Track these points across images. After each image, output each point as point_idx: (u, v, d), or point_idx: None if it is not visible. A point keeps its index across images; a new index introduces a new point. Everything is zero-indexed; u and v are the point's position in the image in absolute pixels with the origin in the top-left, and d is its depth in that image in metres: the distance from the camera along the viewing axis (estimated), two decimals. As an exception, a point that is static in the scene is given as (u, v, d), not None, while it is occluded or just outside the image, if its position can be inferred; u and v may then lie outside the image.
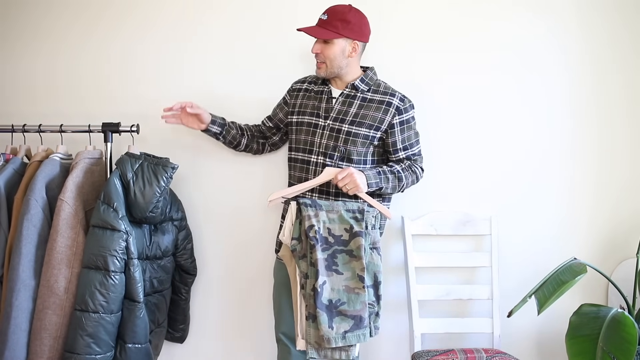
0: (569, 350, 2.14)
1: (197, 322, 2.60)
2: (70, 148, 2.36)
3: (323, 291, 2.00)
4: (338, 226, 2.07)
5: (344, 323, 1.99)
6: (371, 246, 2.10)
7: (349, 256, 2.05)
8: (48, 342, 2.05)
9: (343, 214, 2.08)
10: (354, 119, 2.21)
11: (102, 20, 2.61)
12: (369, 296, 2.06)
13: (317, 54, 2.19)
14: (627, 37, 2.58)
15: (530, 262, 2.56)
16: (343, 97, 2.24)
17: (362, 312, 2.01)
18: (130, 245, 2.10)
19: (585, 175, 2.59)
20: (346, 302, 2.01)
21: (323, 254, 2.03)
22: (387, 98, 2.23)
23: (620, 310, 2.17)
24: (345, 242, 2.06)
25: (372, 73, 2.29)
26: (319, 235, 2.04)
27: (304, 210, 2.07)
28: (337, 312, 2.00)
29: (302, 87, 2.34)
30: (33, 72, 2.63)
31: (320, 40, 2.18)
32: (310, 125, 2.24)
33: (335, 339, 1.97)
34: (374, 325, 2.07)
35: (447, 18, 2.58)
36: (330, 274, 2.03)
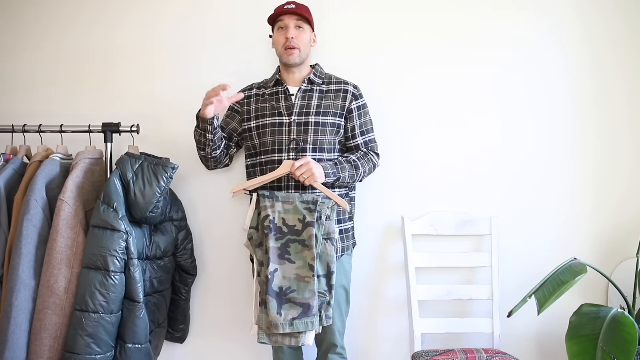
0: (569, 350, 2.14)
1: (197, 322, 2.60)
2: (70, 148, 2.36)
3: (274, 278, 2.05)
4: (292, 216, 2.13)
5: (293, 310, 2.03)
6: (325, 236, 2.13)
7: (301, 245, 2.10)
8: (48, 342, 2.05)
9: (297, 204, 2.14)
10: (318, 109, 2.26)
11: (102, 20, 2.62)
12: (321, 285, 2.09)
13: (292, 38, 2.24)
14: (628, 36, 2.58)
15: (530, 262, 2.56)
16: (301, 92, 2.29)
17: (310, 300, 2.04)
18: (130, 245, 2.10)
19: (586, 175, 2.59)
20: (296, 289, 2.06)
21: (276, 243, 2.09)
22: (342, 86, 2.33)
23: (620, 310, 2.17)
24: (298, 231, 2.11)
25: (320, 68, 2.38)
26: (272, 224, 2.11)
27: (261, 201, 2.15)
28: (286, 299, 2.04)
29: (252, 94, 2.35)
30: (33, 72, 2.63)
31: (294, 26, 2.24)
32: (274, 125, 2.26)
33: (282, 325, 2.02)
34: (325, 314, 2.09)
35: (448, 17, 2.59)
36: (282, 262, 2.08)
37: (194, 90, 2.58)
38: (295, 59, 2.26)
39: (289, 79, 2.32)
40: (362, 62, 2.57)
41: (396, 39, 2.59)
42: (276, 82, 2.33)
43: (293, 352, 2.32)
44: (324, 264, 2.12)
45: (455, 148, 2.58)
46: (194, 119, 2.59)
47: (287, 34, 2.24)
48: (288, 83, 2.31)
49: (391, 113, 2.51)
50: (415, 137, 2.57)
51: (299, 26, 2.26)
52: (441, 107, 2.58)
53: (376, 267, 2.57)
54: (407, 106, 2.57)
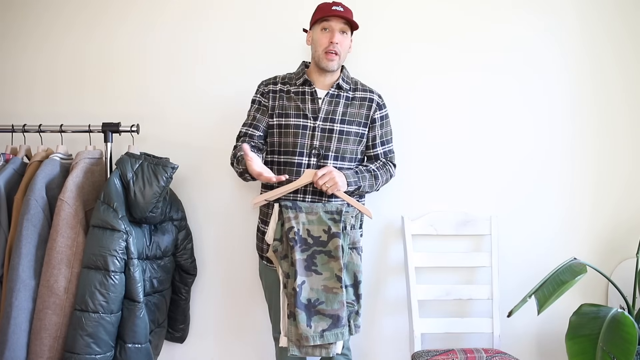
0: (569, 350, 2.14)
1: (197, 322, 2.60)
2: (70, 148, 2.36)
3: (302, 291, 2.04)
4: (317, 227, 2.11)
5: (322, 322, 2.02)
6: (350, 246, 2.13)
7: (328, 257, 2.08)
8: (48, 342, 2.05)
9: (322, 215, 2.11)
10: (344, 117, 2.21)
11: (102, 20, 2.62)
12: (349, 295, 2.09)
13: (337, 44, 2.15)
14: (627, 37, 2.58)
15: (530, 262, 2.56)
16: (329, 97, 2.22)
17: (339, 311, 2.03)
18: (130, 245, 2.10)
19: (585, 175, 2.59)
20: (324, 301, 2.04)
21: (302, 255, 2.07)
22: (368, 95, 2.28)
23: (620, 310, 2.17)
24: (323, 242, 2.09)
25: (347, 71, 2.30)
26: (297, 236, 2.08)
27: (284, 212, 2.12)
28: (315, 311, 2.03)
29: (276, 89, 2.25)
30: (33, 72, 2.63)
31: (339, 31, 2.17)
32: (297, 127, 2.19)
33: (313, 337, 2.01)
34: (354, 323, 2.09)
35: (448, 17, 2.59)
36: (310, 274, 2.06)
37: (194, 90, 2.60)
38: (334, 65, 2.17)
39: (318, 81, 2.23)
40: (362, 63, 2.56)
41: (397, 41, 2.59)
42: (304, 82, 2.23)
43: None
44: (350, 274, 2.11)
45: (455, 148, 2.58)
46: (194, 119, 2.60)
47: (333, 39, 2.14)
48: (316, 85, 2.23)
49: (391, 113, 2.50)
50: (415, 137, 2.57)
51: (343, 31, 2.17)
52: (441, 108, 2.58)
53: (376, 267, 2.57)
54: (407, 106, 2.57)
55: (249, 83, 2.54)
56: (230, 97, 2.57)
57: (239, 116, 2.48)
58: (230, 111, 2.55)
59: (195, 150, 2.58)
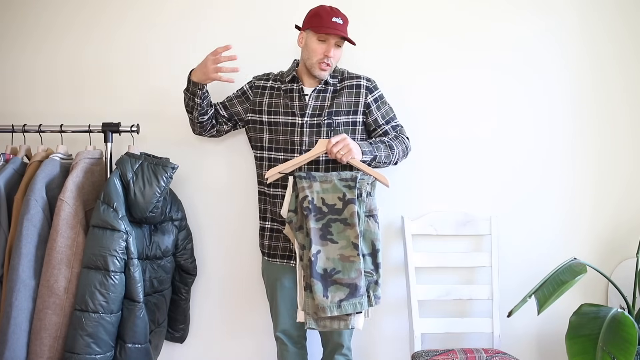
0: (569, 350, 2.14)
1: (197, 322, 2.60)
2: (70, 148, 2.36)
3: (317, 260, 1.99)
4: (331, 195, 2.07)
5: (339, 292, 1.96)
6: (367, 214, 2.08)
7: (343, 224, 2.04)
8: (48, 342, 2.05)
9: (336, 183, 2.08)
10: (330, 109, 2.23)
11: (102, 20, 2.62)
12: (367, 264, 2.04)
13: (331, 57, 2.17)
14: (628, 36, 2.58)
15: (530, 262, 2.56)
16: (316, 92, 2.25)
17: (357, 280, 1.97)
18: (130, 245, 2.10)
19: (586, 175, 2.59)
20: (341, 270, 1.99)
21: (317, 224, 2.03)
22: (355, 81, 2.28)
23: (620, 310, 2.17)
24: (339, 210, 2.05)
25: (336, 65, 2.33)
26: (312, 205, 2.04)
27: (298, 183, 2.09)
28: (331, 280, 1.98)
29: (267, 85, 2.30)
30: (33, 72, 2.63)
31: (335, 44, 2.18)
32: (287, 125, 2.23)
33: (330, 307, 1.95)
34: (373, 294, 2.03)
35: (449, 17, 2.58)
36: (325, 243, 2.01)
37: (194, 90, 2.59)
38: (326, 75, 2.22)
39: (305, 79, 2.27)
40: (362, 61, 2.56)
41: (396, 40, 2.59)
42: (292, 78, 2.28)
43: (298, 352, 2.32)
44: (368, 242, 2.06)
45: (455, 148, 2.58)
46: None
47: (328, 52, 2.16)
48: (304, 83, 2.27)
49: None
50: (414, 137, 2.56)
51: (338, 45, 2.20)
52: (441, 108, 2.58)
53: (376, 267, 2.57)
54: (407, 106, 2.57)
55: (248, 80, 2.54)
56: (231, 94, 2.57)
57: (239, 116, 2.48)
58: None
59: (195, 150, 2.58)
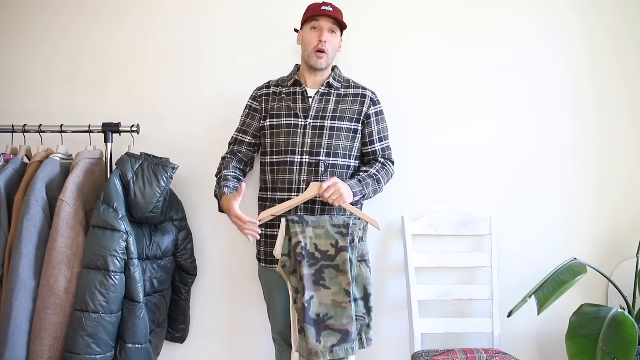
0: (568, 350, 2.14)
1: (197, 322, 2.60)
2: (70, 148, 2.36)
3: (310, 305, 2.02)
4: (324, 241, 2.09)
5: (331, 337, 2.00)
6: (359, 258, 2.11)
7: (336, 271, 2.06)
8: (48, 342, 2.04)
9: (329, 229, 2.10)
10: (334, 114, 2.23)
11: (101, 20, 2.62)
12: (359, 308, 2.07)
13: (325, 42, 2.19)
14: (628, 36, 2.59)
15: (530, 262, 2.56)
16: (319, 95, 2.25)
17: (348, 326, 2.01)
18: (130, 245, 2.10)
19: (586, 175, 2.59)
20: (333, 316, 2.02)
21: (310, 269, 2.06)
22: (360, 91, 2.29)
23: (620, 310, 2.17)
24: (331, 257, 2.08)
25: (339, 71, 2.33)
26: (305, 251, 2.07)
27: (291, 227, 2.10)
28: (324, 326, 2.01)
29: (269, 92, 2.31)
30: (33, 72, 2.63)
31: (328, 30, 2.21)
32: (289, 126, 2.22)
33: (322, 352, 1.99)
34: (365, 337, 2.07)
35: (448, 16, 2.59)
36: (318, 289, 2.05)
37: (194, 90, 2.59)
38: (322, 63, 2.21)
39: (308, 80, 2.27)
40: (360, 63, 2.57)
41: (396, 40, 2.59)
42: (294, 82, 2.28)
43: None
44: (360, 286, 2.09)
45: (455, 148, 2.58)
46: (194, 119, 2.60)
47: (321, 37, 2.18)
48: (307, 84, 2.27)
49: (390, 114, 2.50)
50: (414, 138, 2.57)
51: (332, 30, 2.21)
52: (441, 108, 2.59)
53: (376, 267, 2.57)
54: (407, 107, 2.57)
55: (249, 82, 2.54)
56: (231, 96, 2.57)
57: (240, 116, 2.48)
58: (230, 111, 2.54)
59: (195, 150, 2.58)
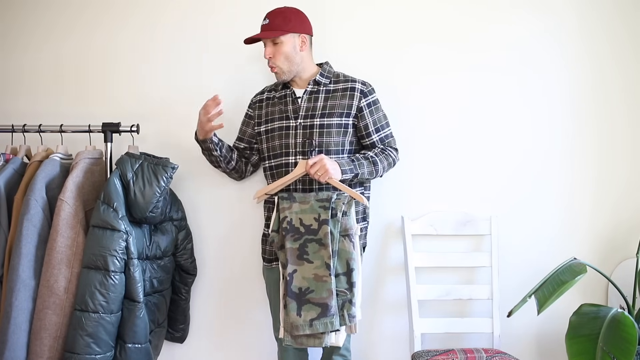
0: (568, 350, 2.14)
1: (197, 322, 2.60)
2: (70, 148, 2.36)
3: (293, 279, 2.05)
4: (308, 216, 2.11)
5: (312, 311, 2.01)
6: (342, 233, 2.10)
7: (319, 245, 2.07)
8: (48, 342, 2.05)
9: (313, 203, 2.12)
10: (323, 111, 2.23)
11: (102, 20, 2.62)
12: (340, 283, 2.06)
13: (270, 58, 2.21)
14: (626, 36, 2.59)
15: (530, 262, 2.56)
16: (307, 94, 2.26)
17: (327, 300, 2.01)
18: (130, 245, 2.10)
19: (585, 175, 2.59)
20: (314, 290, 2.03)
21: (294, 244, 2.08)
22: (350, 84, 2.27)
23: (620, 310, 2.17)
24: (314, 231, 2.09)
25: (328, 66, 2.33)
26: (290, 225, 2.10)
27: (280, 204, 2.15)
28: (305, 300, 2.03)
29: (263, 98, 2.35)
30: (33, 72, 2.63)
31: (271, 44, 2.21)
32: (281, 129, 2.25)
33: (302, 326, 2.00)
34: (347, 313, 2.04)
35: (448, 18, 2.59)
36: (301, 263, 2.06)
37: (194, 90, 2.59)
38: (281, 77, 2.24)
39: (294, 82, 2.30)
40: (360, 63, 2.56)
41: (397, 41, 2.59)
42: (284, 86, 2.31)
43: (297, 353, 2.31)
44: (342, 261, 2.08)
45: (455, 148, 2.58)
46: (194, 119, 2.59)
47: (265, 55, 2.22)
48: (294, 86, 2.29)
49: (390, 113, 2.50)
50: (414, 138, 2.57)
51: (275, 42, 2.20)
52: (440, 108, 2.58)
53: (376, 267, 2.57)
54: (407, 107, 2.57)
55: (249, 82, 2.56)
56: (231, 96, 2.57)
57: (239, 116, 2.49)
58: (230, 110, 2.54)
59: (196, 150, 2.57)
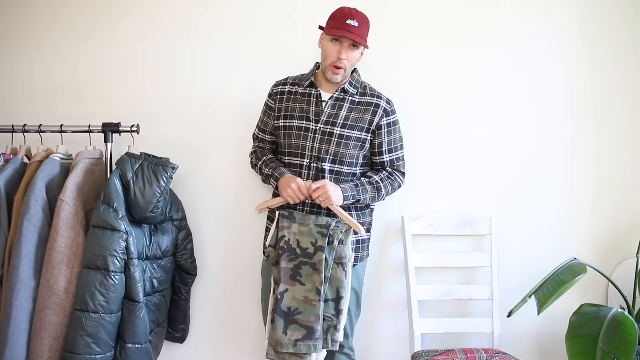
0: (568, 350, 2.14)
1: (197, 322, 2.60)
2: (70, 148, 2.36)
3: (283, 298, 2.10)
4: (306, 239, 2.14)
5: (297, 332, 2.07)
6: (337, 261, 2.13)
7: (312, 269, 2.11)
8: (48, 342, 2.04)
9: (312, 227, 2.14)
10: (345, 122, 2.20)
11: (101, 20, 2.61)
12: (328, 309, 2.11)
13: (344, 60, 2.12)
14: (627, 37, 2.59)
15: (530, 262, 2.56)
16: (333, 100, 2.21)
17: (314, 323, 2.07)
18: (130, 245, 2.10)
19: (585, 175, 2.59)
20: (302, 312, 2.09)
21: (289, 264, 2.12)
22: (375, 100, 2.23)
23: (620, 310, 2.17)
24: (310, 255, 2.12)
25: (357, 75, 2.27)
26: (287, 245, 2.13)
27: (280, 221, 2.17)
28: (292, 319, 2.09)
29: (285, 90, 2.27)
30: (33, 72, 2.63)
31: (350, 46, 2.12)
32: (300, 129, 2.21)
33: (287, 344, 2.07)
34: (331, 337, 2.09)
35: (450, 19, 2.58)
36: (293, 283, 2.11)
37: (194, 90, 2.60)
38: (338, 79, 2.16)
39: (324, 84, 2.22)
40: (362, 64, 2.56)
41: (398, 43, 2.58)
42: (310, 83, 2.24)
43: None
44: (333, 288, 2.12)
45: (455, 148, 2.58)
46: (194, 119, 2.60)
47: (340, 55, 2.11)
48: (322, 88, 2.22)
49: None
50: (414, 138, 2.57)
51: (354, 45, 2.13)
52: (440, 108, 2.58)
53: (376, 267, 2.57)
54: (407, 107, 2.57)
55: (249, 82, 2.56)
56: (231, 96, 2.57)
57: (239, 115, 2.49)
58: (230, 110, 2.55)
59: (195, 150, 2.58)
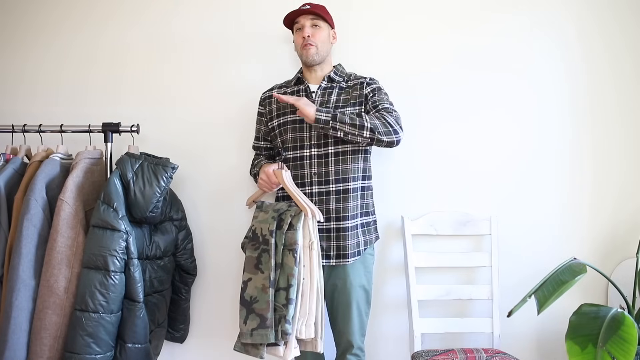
0: (569, 350, 2.14)
1: (197, 322, 2.60)
2: (70, 148, 2.36)
3: (246, 288, 2.09)
4: (265, 226, 2.13)
5: (254, 321, 2.04)
6: (288, 247, 2.07)
7: (268, 255, 2.08)
8: (48, 342, 2.05)
9: (270, 213, 2.14)
10: (337, 104, 2.26)
11: (101, 20, 2.62)
12: (280, 298, 2.04)
13: (309, 36, 2.25)
14: (623, 40, 2.59)
15: (530, 262, 2.56)
16: (321, 89, 2.30)
17: (264, 311, 2.02)
18: (130, 245, 2.10)
19: (585, 175, 2.59)
20: (259, 300, 2.05)
21: (253, 253, 2.12)
22: (360, 80, 2.33)
23: (620, 310, 2.17)
24: (267, 241, 2.10)
25: (341, 67, 2.39)
26: (253, 234, 2.15)
27: (255, 212, 2.21)
28: (251, 309, 2.06)
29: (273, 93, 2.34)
30: (33, 72, 2.63)
31: (310, 25, 2.26)
32: (295, 122, 2.26)
33: (246, 334, 2.04)
34: (281, 329, 2.00)
35: (448, 19, 2.59)
36: (256, 272, 2.09)
37: (194, 91, 2.60)
38: (313, 55, 2.27)
39: (310, 77, 2.33)
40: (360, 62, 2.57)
41: (398, 43, 2.59)
42: (297, 80, 2.36)
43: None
44: (285, 276, 2.05)
45: (455, 148, 2.58)
46: (194, 119, 2.60)
47: (304, 33, 2.25)
48: (309, 81, 2.33)
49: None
50: (414, 138, 2.57)
51: (315, 25, 2.27)
52: (441, 108, 2.59)
53: (376, 267, 2.56)
54: (407, 107, 2.57)
55: (249, 82, 2.56)
56: (231, 96, 2.58)
57: (239, 115, 2.49)
58: (230, 110, 2.55)
59: (195, 150, 2.58)
